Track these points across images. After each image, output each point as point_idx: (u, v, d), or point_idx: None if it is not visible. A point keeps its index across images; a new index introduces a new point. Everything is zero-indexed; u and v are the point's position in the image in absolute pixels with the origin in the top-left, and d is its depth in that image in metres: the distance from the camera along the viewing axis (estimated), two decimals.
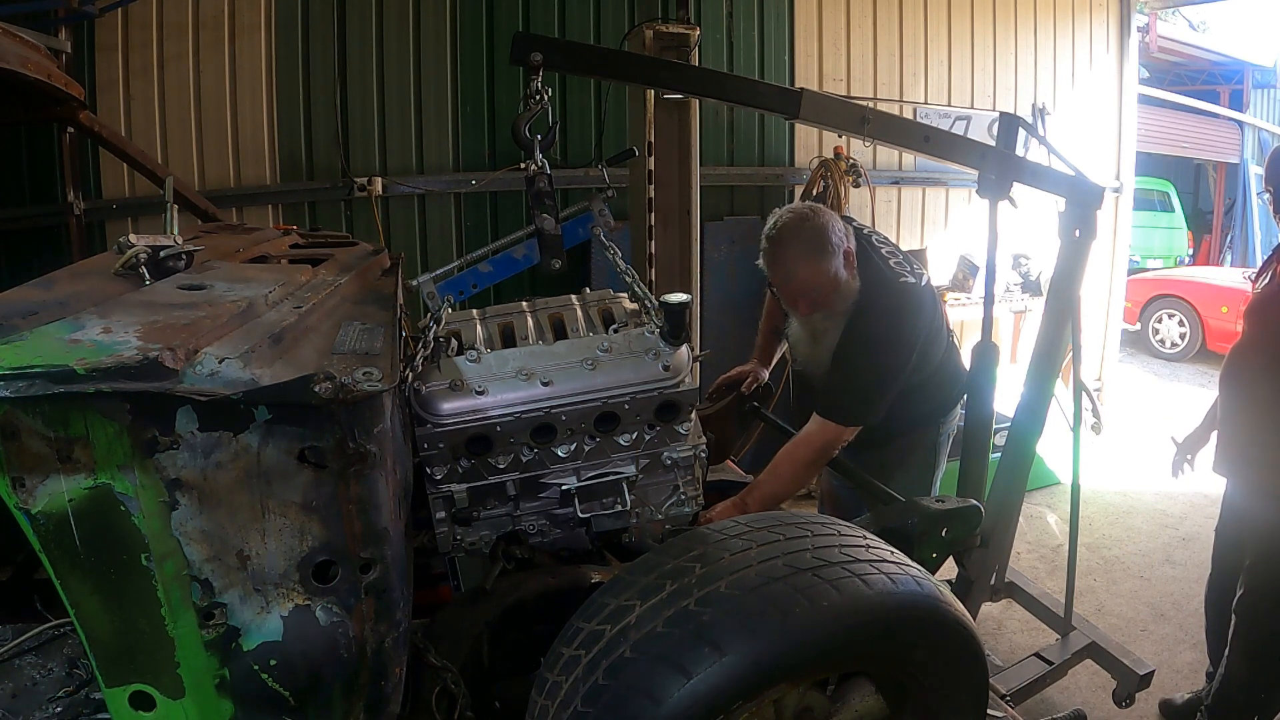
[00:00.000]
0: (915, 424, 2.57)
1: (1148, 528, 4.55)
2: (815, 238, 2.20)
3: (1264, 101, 13.37)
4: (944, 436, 2.67)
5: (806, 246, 2.20)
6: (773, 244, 2.26)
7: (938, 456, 2.69)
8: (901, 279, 2.33)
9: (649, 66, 2.23)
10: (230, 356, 1.02)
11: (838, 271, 2.23)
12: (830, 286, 2.24)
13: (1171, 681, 3.11)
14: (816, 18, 5.11)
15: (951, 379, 2.57)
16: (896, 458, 2.60)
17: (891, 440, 2.54)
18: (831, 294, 2.26)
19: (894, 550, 1.35)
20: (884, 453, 2.57)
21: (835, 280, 2.23)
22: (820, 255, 2.20)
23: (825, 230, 2.21)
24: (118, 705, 1.06)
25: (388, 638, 1.17)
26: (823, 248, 2.20)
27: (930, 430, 2.63)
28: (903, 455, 2.62)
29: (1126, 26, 6.20)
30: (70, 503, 0.97)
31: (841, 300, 2.28)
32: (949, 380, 2.57)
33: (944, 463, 2.74)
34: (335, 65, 4.12)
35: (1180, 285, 8.87)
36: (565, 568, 1.75)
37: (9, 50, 1.85)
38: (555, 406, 1.56)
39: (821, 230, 2.21)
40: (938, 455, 2.69)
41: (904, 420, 2.47)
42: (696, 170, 3.70)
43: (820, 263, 2.20)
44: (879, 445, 2.51)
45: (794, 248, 2.21)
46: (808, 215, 2.25)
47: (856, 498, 2.74)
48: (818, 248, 2.19)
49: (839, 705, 1.39)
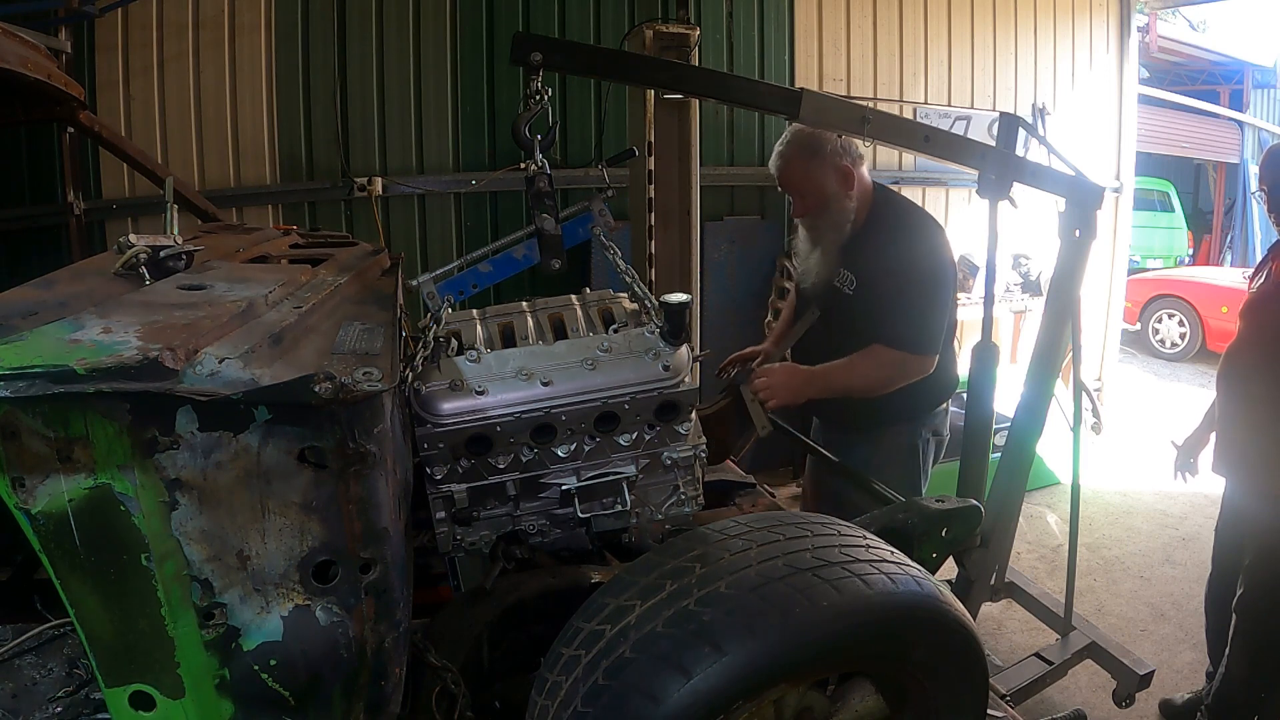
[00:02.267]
0: (896, 417, 2.62)
1: (1148, 528, 4.55)
2: (811, 141, 2.46)
3: (1264, 101, 13.37)
4: (923, 440, 2.69)
5: (801, 147, 2.47)
6: (779, 144, 2.53)
7: (919, 459, 2.69)
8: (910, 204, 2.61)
9: (649, 66, 2.23)
10: (230, 356, 1.02)
11: (827, 177, 2.45)
12: (819, 190, 2.46)
13: (1171, 681, 3.11)
14: (816, 18, 5.11)
15: (943, 369, 2.60)
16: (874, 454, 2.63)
17: (872, 429, 2.62)
18: (823, 199, 2.47)
19: (894, 550, 1.35)
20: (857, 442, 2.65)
21: (824, 185, 2.46)
22: (812, 156, 2.45)
23: (821, 139, 2.44)
24: (118, 705, 1.06)
25: (388, 638, 1.17)
26: (816, 151, 2.45)
27: (913, 426, 2.66)
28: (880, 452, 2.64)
29: (1126, 26, 6.20)
30: (70, 503, 0.97)
31: (835, 213, 2.49)
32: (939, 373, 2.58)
33: (928, 471, 2.75)
34: (335, 65, 4.12)
35: (1180, 285, 8.88)
36: (565, 568, 1.75)
37: (9, 50, 1.85)
38: (555, 406, 1.56)
39: (818, 137, 2.44)
40: (919, 458, 2.69)
41: (885, 410, 2.55)
42: (696, 170, 3.71)
43: (810, 162, 2.45)
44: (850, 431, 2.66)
45: (791, 146, 2.49)
46: (815, 130, 2.43)
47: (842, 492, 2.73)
48: (812, 150, 2.45)
49: (839, 705, 1.39)
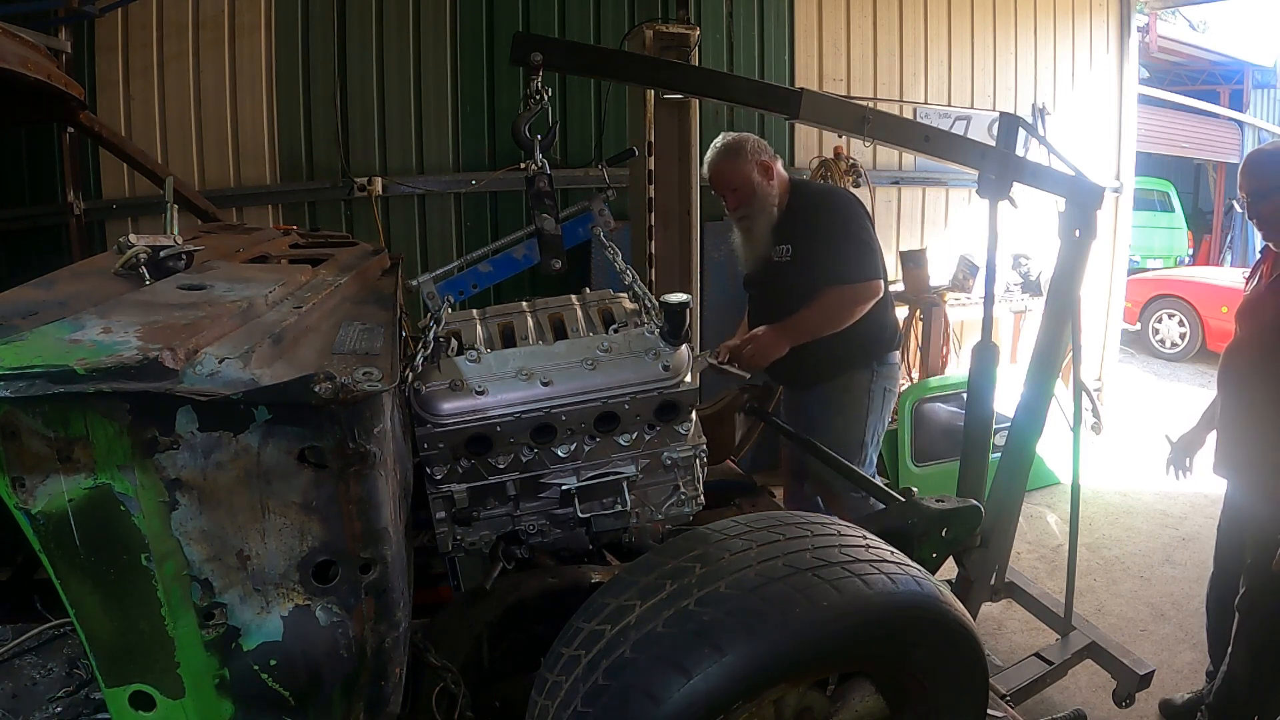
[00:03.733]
0: (848, 364, 2.92)
1: (1148, 528, 4.55)
2: (733, 145, 2.90)
3: (1264, 101, 13.38)
4: (878, 386, 2.99)
5: (725, 151, 2.91)
6: (708, 155, 2.96)
7: (871, 403, 2.98)
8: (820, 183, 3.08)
9: (649, 66, 2.23)
10: (230, 356, 1.02)
11: (751, 173, 2.86)
12: (746, 184, 2.87)
13: (1171, 681, 3.11)
14: (816, 18, 5.11)
15: (887, 319, 3.02)
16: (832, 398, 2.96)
17: (829, 379, 2.93)
18: (750, 193, 2.88)
19: (894, 550, 1.35)
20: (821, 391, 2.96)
21: (749, 180, 2.86)
22: (734, 157, 2.88)
23: (743, 142, 2.90)
24: (118, 705, 1.06)
25: (388, 638, 1.17)
26: (738, 152, 2.88)
27: (864, 374, 2.95)
28: (838, 396, 2.96)
29: (1126, 26, 6.20)
30: (70, 503, 0.97)
31: (762, 201, 2.88)
32: (885, 319, 2.99)
33: (884, 416, 3.04)
34: (335, 65, 4.12)
35: (1180, 285, 8.87)
36: (565, 568, 1.75)
37: (9, 50, 1.85)
38: (555, 406, 1.56)
39: (740, 141, 2.91)
40: (871, 402, 2.98)
41: (839, 357, 2.87)
42: (696, 170, 3.70)
43: (734, 162, 2.87)
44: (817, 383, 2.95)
45: (718, 151, 2.92)
46: (735, 135, 2.96)
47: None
48: (734, 152, 2.89)
49: (839, 705, 1.39)
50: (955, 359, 5.27)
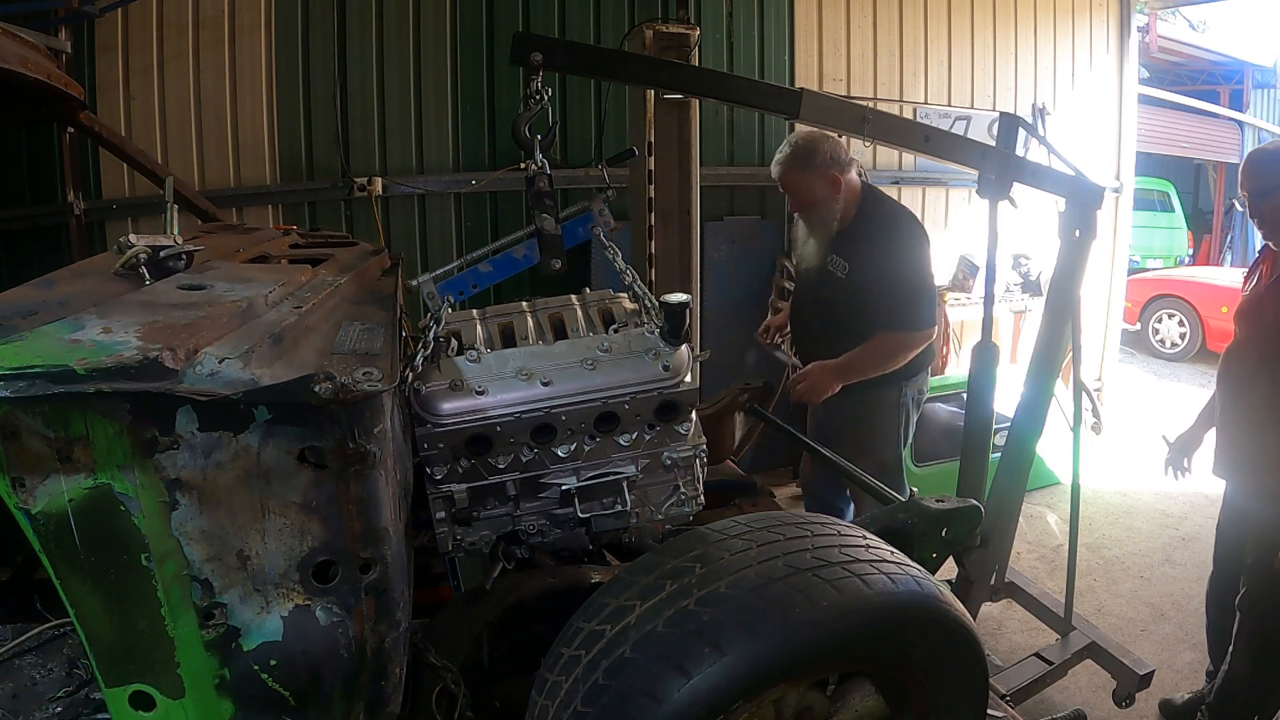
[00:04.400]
0: (881, 381, 2.87)
1: (1148, 528, 4.55)
2: (804, 154, 2.80)
3: (1264, 101, 13.37)
4: (908, 398, 2.98)
5: (794, 158, 2.81)
6: (779, 152, 2.87)
7: (903, 417, 2.99)
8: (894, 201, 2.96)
9: (649, 66, 2.23)
10: (230, 356, 1.02)
11: (815, 186, 2.80)
12: (808, 193, 2.82)
13: (1171, 681, 3.11)
14: (816, 18, 5.11)
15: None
16: (863, 414, 2.93)
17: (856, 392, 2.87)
18: (812, 200, 2.83)
19: (894, 550, 1.35)
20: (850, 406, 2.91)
21: (813, 190, 2.81)
22: (802, 168, 2.80)
23: (814, 151, 2.78)
24: (118, 705, 1.06)
25: (388, 638, 1.17)
26: (806, 163, 2.79)
27: (894, 389, 2.93)
28: (870, 413, 2.94)
29: (1126, 26, 6.20)
30: (70, 503, 0.97)
31: (824, 209, 2.84)
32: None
33: (913, 425, 3.06)
34: (335, 65, 4.12)
35: (1180, 285, 8.87)
36: (565, 568, 1.74)
37: (9, 50, 1.85)
38: (555, 406, 1.56)
39: (811, 150, 2.79)
40: (902, 415, 2.98)
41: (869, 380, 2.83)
42: (696, 170, 3.70)
43: (800, 174, 2.80)
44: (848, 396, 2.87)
45: (786, 151, 2.83)
46: (810, 135, 2.82)
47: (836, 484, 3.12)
48: (803, 162, 2.80)
49: (839, 705, 1.39)
50: (955, 359, 5.27)
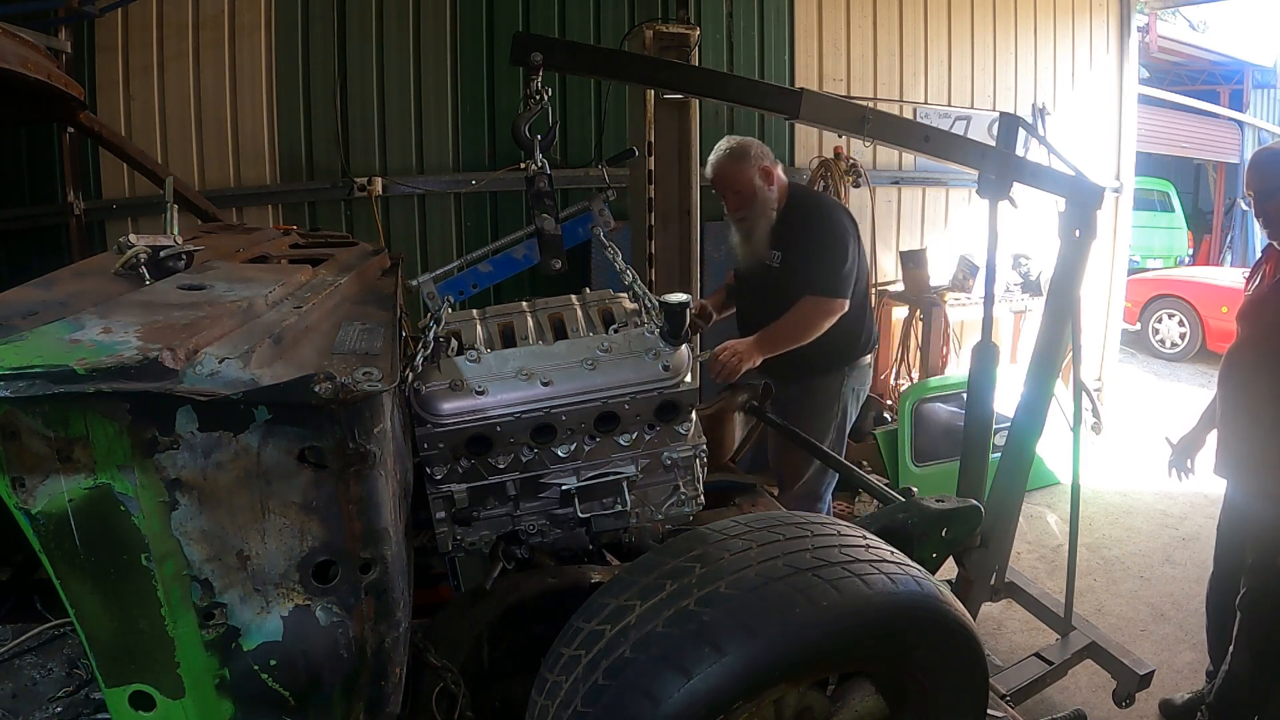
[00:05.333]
0: (822, 369, 3.04)
1: (1148, 528, 4.55)
2: (738, 149, 2.97)
3: (1264, 101, 13.36)
4: (848, 389, 3.12)
5: (730, 153, 2.97)
6: (713, 155, 3.02)
7: (840, 408, 3.11)
8: (817, 192, 3.15)
9: (649, 66, 2.23)
10: (230, 356, 1.02)
11: (753, 177, 2.93)
12: (748, 187, 2.94)
13: (1171, 681, 3.11)
14: (816, 18, 5.11)
15: (863, 327, 3.11)
16: (804, 399, 3.07)
17: (799, 379, 3.03)
18: (750, 196, 2.95)
19: (894, 550, 1.35)
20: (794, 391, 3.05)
21: (751, 183, 2.94)
22: (739, 160, 2.94)
23: (748, 147, 2.97)
24: (118, 705, 1.06)
25: (388, 638, 1.17)
26: (742, 156, 2.95)
27: (835, 378, 3.08)
28: (810, 399, 3.08)
29: (1126, 26, 6.20)
30: (70, 503, 0.97)
31: (762, 206, 2.96)
32: (860, 327, 3.09)
33: (852, 416, 3.20)
34: (335, 65, 4.12)
35: (1180, 285, 8.86)
36: (565, 568, 1.74)
37: (9, 50, 1.85)
38: (555, 406, 1.56)
39: (745, 146, 2.97)
40: (841, 406, 3.11)
41: (815, 360, 2.96)
42: (696, 170, 3.70)
43: (738, 165, 2.94)
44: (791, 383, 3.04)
45: (722, 153, 2.99)
46: (740, 137, 3.05)
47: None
48: (739, 156, 2.95)
49: (839, 705, 1.39)
50: (955, 359, 5.27)
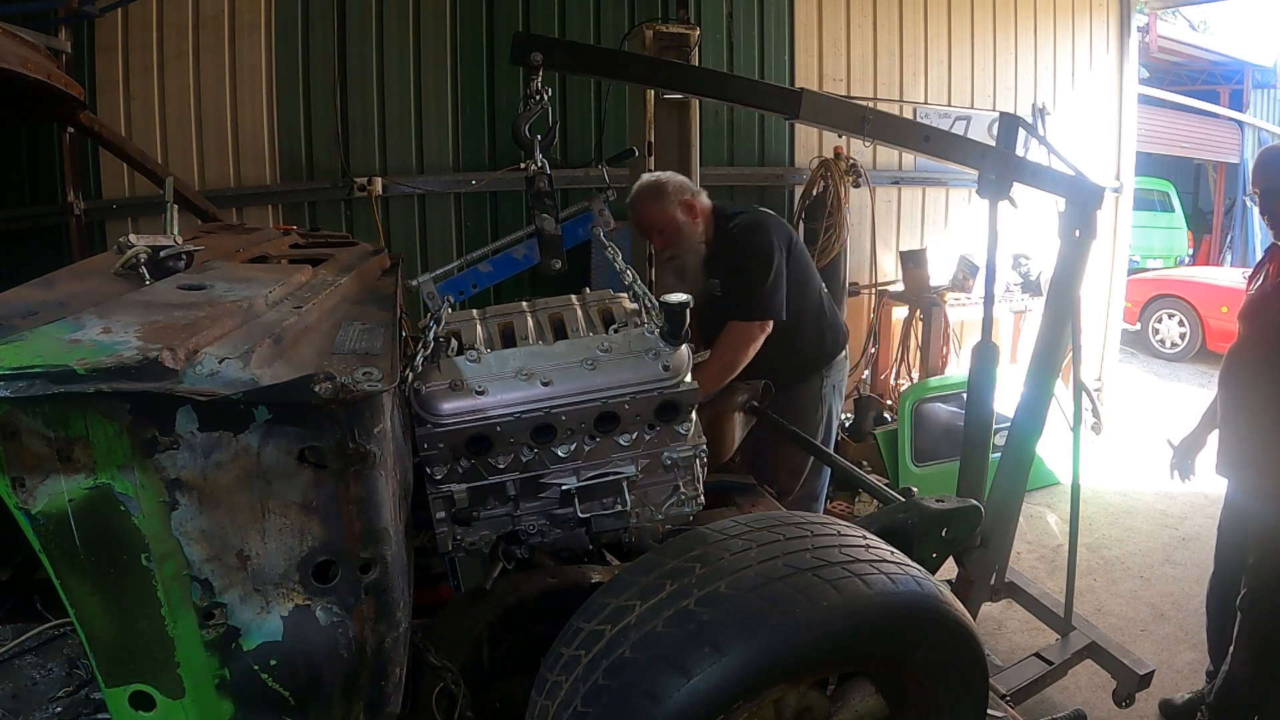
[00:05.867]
0: (800, 375, 3.04)
1: (1148, 528, 4.55)
2: (654, 187, 2.89)
3: (1264, 101, 13.35)
4: (829, 387, 3.13)
5: (647, 192, 2.90)
6: (630, 197, 2.94)
7: (824, 408, 3.13)
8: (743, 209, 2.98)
9: (649, 66, 2.23)
10: (230, 356, 1.02)
11: (675, 213, 2.86)
12: (671, 224, 2.87)
13: (1171, 681, 3.11)
14: (816, 18, 5.11)
15: (828, 327, 3.11)
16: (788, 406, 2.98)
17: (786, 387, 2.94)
18: (675, 233, 2.88)
19: (894, 550, 1.35)
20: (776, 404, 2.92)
21: (674, 220, 2.86)
22: (657, 198, 2.87)
23: (664, 183, 2.89)
24: (118, 705, 1.06)
25: (388, 638, 1.17)
26: (660, 193, 2.87)
27: (814, 381, 3.08)
28: (794, 403, 3.03)
29: (1126, 26, 6.20)
30: (70, 503, 0.96)
31: (688, 239, 2.88)
32: (825, 329, 3.10)
33: (836, 415, 3.23)
34: (335, 65, 4.12)
35: (1180, 285, 8.86)
36: (565, 568, 1.74)
37: (9, 50, 1.85)
38: (555, 406, 1.56)
39: (661, 183, 2.90)
40: (825, 406, 3.13)
41: (790, 369, 2.95)
42: (696, 170, 3.70)
43: (657, 203, 2.86)
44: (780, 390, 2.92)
45: (638, 194, 2.92)
46: (653, 174, 2.99)
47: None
48: (656, 194, 2.88)
49: (839, 705, 1.39)
50: (955, 359, 5.27)
